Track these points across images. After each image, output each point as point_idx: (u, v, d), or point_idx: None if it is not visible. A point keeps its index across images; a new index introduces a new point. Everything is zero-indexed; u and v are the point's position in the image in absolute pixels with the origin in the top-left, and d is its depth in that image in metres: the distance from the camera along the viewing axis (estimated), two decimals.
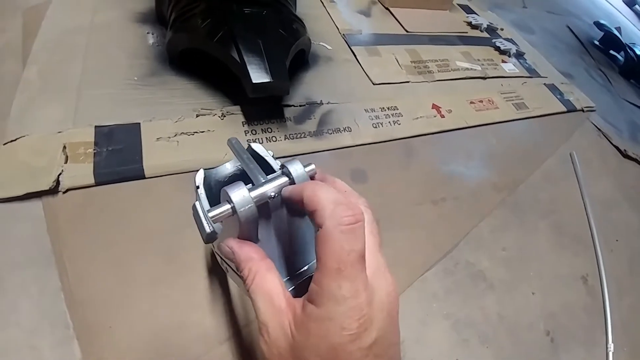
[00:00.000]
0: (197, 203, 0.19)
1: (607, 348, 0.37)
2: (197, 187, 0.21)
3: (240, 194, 0.17)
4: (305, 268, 0.20)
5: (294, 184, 0.18)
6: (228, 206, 0.17)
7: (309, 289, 0.15)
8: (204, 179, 0.22)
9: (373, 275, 0.15)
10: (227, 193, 0.17)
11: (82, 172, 0.32)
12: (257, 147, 0.23)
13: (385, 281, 0.16)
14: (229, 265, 0.21)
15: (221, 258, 0.22)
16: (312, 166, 0.19)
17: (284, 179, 0.18)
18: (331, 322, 0.14)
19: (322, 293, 0.14)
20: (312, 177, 0.19)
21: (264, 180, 0.19)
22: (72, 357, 0.25)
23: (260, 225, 0.18)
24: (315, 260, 0.18)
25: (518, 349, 0.34)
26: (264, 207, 0.18)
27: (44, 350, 0.25)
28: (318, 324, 0.14)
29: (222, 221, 0.18)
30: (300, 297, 0.16)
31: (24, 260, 0.28)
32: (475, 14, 0.78)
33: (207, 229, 0.18)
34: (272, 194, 0.18)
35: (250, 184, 0.19)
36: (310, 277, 0.15)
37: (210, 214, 0.17)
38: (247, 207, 0.17)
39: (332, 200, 0.15)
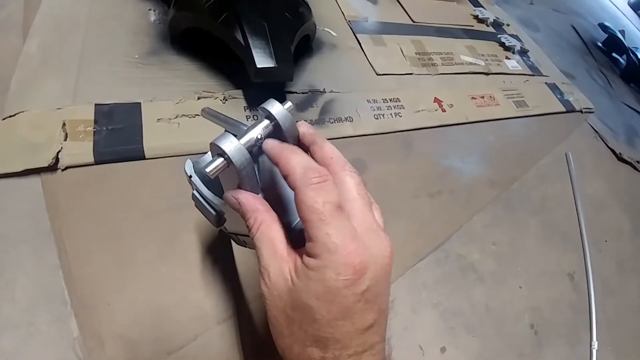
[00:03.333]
0: (195, 192, 0.19)
1: (591, 345, 0.38)
2: (190, 177, 0.21)
3: (230, 143, 0.17)
4: (297, 221, 0.20)
5: (278, 123, 0.18)
6: (221, 158, 0.17)
7: (306, 246, 0.16)
8: (193, 168, 0.22)
9: (365, 232, 0.17)
10: (217, 146, 0.17)
11: (82, 150, 0.32)
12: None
13: (378, 238, 0.17)
14: (236, 233, 0.21)
15: (229, 232, 0.22)
16: (289, 103, 0.19)
17: (266, 121, 0.18)
18: (328, 269, 0.15)
19: (316, 245, 0.15)
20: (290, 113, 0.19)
21: (246, 128, 0.18)
22: (69, 333, 0.25)
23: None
24: None
25: (503, 340, 0.36)
26: (253, 154, 0.18)
27: (42, 326, 0.25)
28: (316, 272, 0.15)
29: (220, 180, 0.18)
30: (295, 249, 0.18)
31: (22, 237, 0.28)
32: (482, 7, 0.77)
33: (213, 212, 0.18)
34: (259, 135, 0.18)
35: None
36: (302, 230, 0.16)
37: (207, 169, 0.17)
38: (240, 154, 0.17)
39: (302, 165, 0.16)
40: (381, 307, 0.17)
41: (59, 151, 0.31)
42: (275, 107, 0.18)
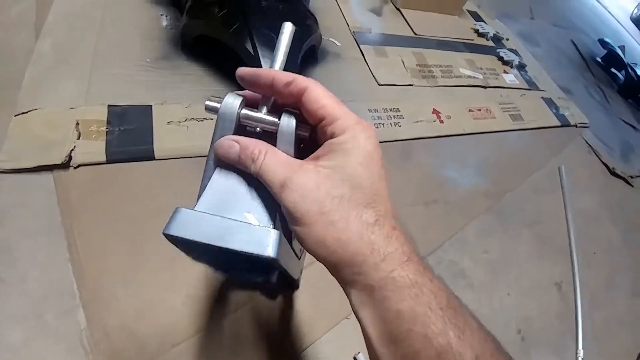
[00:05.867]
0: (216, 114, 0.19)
1: (577, 354, 0.40)
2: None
3: (231, 101, 0.18)
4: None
5: (275, 131, 0.19)
6: (218, 105, 0.19)
7: (332, 127, 0.17)
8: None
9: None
10: (227, 95, 0.19)
11: (94, 149, 0.33)
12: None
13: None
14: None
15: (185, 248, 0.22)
16: (306, 133, 0.19)
17: (276, 121, 0.19)
18: (361, 134, 0.17)
19: (343, 121, 0.17)
20: (299, 137, 0.19)
21: (262, 112, 0.19)
22: (76, 326, 0.26)
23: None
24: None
25: None
26: (249, 132, 0.20)
27: (50, 318, 0.26)
28: (352, 141, 0.17)
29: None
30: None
31: (34, 231, 0.29)
32: (483, 21, 0.79)
33: (208, 103, 0.19)
34: (258, 129, 0.19)
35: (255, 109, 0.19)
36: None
37: (207, 102, 0.19)
38: (228, 113, 0.18)
39: (296, 74, 0.18)
40: None
41: (72, 149, 0.33)
42: (288, 124, 0.19)
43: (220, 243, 0.17)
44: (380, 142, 0.50)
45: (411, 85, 0.56)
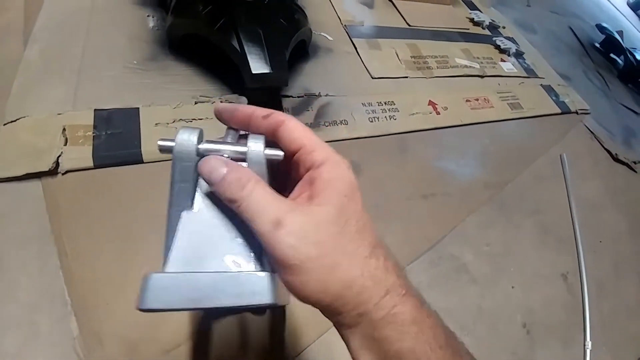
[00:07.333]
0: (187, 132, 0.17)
1: (584, 346, 0.39)
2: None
3: (187, 136, 0.16)
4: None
5: (244, 159, 0.17)
6: (172, 143, 0.16)
7: (312, 157, 0.17)
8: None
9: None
10: (180, 131, 0.16)
11: (82, 154, 0.33)
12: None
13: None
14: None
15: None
16: (281, 153, 0.17)
17: (244, 150, 0.17)
18: (340, 165, 0.17)
19: (321, 152, 0.17)
20: (272, 162, 0.18)
21: (224, 141, 0.18)
22: (69, 333, 0.26)
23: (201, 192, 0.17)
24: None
25: (495, 340, 0.36)
26: None
27: (43, 326, 0.26)
28: (335, 170, 0.17)
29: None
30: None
31: (23, 239, 0.29)
32: (478, 10, 0.77)
33: (162, 142, 0.17)
34: (226, 155, 0.17)
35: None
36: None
37: (159, 142, 0.17)
38: (185, 151, 0.16)
39: (270, 110, 0.19)
40: None
41: (59, 156, 0.32)
42: (256, 146, 0.17)
43: (209, 304, 0.15)
44: (375, 136, 0.49)
45: (406, 77, 0.55)
